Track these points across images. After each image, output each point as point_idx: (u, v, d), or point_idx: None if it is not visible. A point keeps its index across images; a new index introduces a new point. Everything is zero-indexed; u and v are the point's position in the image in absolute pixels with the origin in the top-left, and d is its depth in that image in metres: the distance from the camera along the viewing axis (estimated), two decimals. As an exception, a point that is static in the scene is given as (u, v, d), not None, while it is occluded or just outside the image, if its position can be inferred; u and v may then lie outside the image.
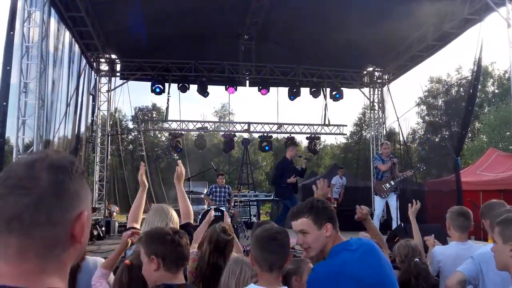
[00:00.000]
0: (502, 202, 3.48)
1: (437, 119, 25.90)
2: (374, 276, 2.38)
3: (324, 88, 15.39)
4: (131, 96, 15.41)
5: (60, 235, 0.98)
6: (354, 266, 2.36)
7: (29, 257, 0.95)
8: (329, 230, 2.47)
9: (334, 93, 15.13)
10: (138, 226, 3.62)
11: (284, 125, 16.51)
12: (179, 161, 3.77)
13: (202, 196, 17.29)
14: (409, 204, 4.32)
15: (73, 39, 11.38)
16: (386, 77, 15.95)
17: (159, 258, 2.33)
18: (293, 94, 14.85)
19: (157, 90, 14.05)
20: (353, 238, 2.59)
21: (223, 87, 14.71)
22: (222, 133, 17.16)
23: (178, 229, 2.59)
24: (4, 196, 0.95)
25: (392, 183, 9.42)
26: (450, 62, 49.38)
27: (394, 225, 9.00)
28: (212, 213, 4.47)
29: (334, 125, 16.38)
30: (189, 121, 16.29)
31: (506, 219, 2.39)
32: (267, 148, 16.16)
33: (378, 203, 9.54)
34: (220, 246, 3.40)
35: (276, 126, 16.43)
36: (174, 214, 3.34)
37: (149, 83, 14.28)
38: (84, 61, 12.53)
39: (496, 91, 35.07)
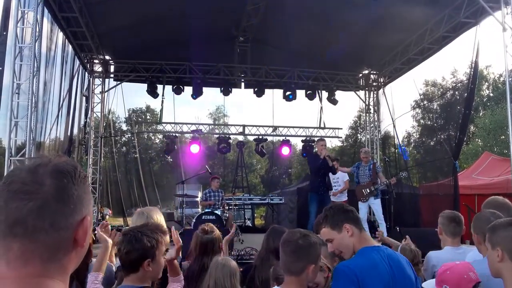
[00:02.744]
0: (506, 203, 3.42)
1: (432, 122, 25.95)
2: (400, 278, 2.38)
3: (319, 91, 15.36)
4: (124, 98, 15.30)
5: (63, 240, 0.99)
6: (383, 265, 2.37)
7: (32, 261, 0.96)
8: (350, 230, 2.51)
9: (332, 98, 15.17)
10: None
11: (279, 128, 16.47)
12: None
13: (198, 199, 17.22)
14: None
15: (66, 40, 11.27)
16: (381, 80, 15.93)
17: None
18: (289, 96, 14.82)
19: (155, 96, 14.06)
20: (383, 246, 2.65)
21: (218, 89, 14.65)
22: (217, 135, 17.09)
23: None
24: (8, 201, 0.96)
25: (372, 188, 9.51)
26: (445, 66, 49.50)
27: (382, 229, 9.11)
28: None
29: (330, 128, 16.35)
30: (183, 123, 16.22)
31: (493, 225, 2.42)
32: (263, 155, 16.49)
33: (361, 207, 9.54)
34: (207, 248, 3.54)
35: (271, 129, 16.38)
36: (156, 216, 3.30)
37: (143, 85, 14.20)
38: (77, 62, 12.42)
39: (491, 94, 35.21)
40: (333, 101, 15.26)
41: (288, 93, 14.68)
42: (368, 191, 9.52)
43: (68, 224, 0.99)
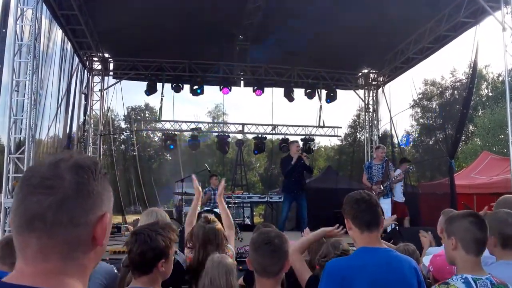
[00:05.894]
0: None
1: (431, 121, 25.91)
2: (395, 282, 2.33)
3: (319, 90, 15.34)
4: (124, 96, 15.23)
5: (81, 237, 0.97)
6: (375, 267, 2.33)
7: (50, 258, 0.94)
8: (348, 223, 2.50)
9: (330, 94, 15.12)
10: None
11: (278, 127, 16.47)
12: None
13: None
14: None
15: (65, 37, 11.26)
16: (381, 79, 15.94)
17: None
18: (288, 97, 14.82)
19: (147, 93, 13.99)
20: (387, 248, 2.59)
21: (217, 87, 14.63)
22: (216, 134, 17.08)
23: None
24: (27, 195, 0.94)
25: (382, 187, 9.32)
26: (444, 65, 49.49)
27: (389, 229, 9.04)
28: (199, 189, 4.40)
29: (329, 127, 16.35)
30: (182, 122, 16.21)
31: (451, 217, 2.56)
32: (256, 152, 16.42)
33: None
34: (210, 238, 3.39)
35: (270, 127, 16.38)
36: (163, 215, 3.34)
37: (142, 83, 14.17)
38: (76, 59, 12.41)
39: (490, 94, 35.18)
40: (329, 102, 15.23)
41: (288, 92, 14.72)
42: (379, 190, 9.24)
43: (88, 220, 0.97)
